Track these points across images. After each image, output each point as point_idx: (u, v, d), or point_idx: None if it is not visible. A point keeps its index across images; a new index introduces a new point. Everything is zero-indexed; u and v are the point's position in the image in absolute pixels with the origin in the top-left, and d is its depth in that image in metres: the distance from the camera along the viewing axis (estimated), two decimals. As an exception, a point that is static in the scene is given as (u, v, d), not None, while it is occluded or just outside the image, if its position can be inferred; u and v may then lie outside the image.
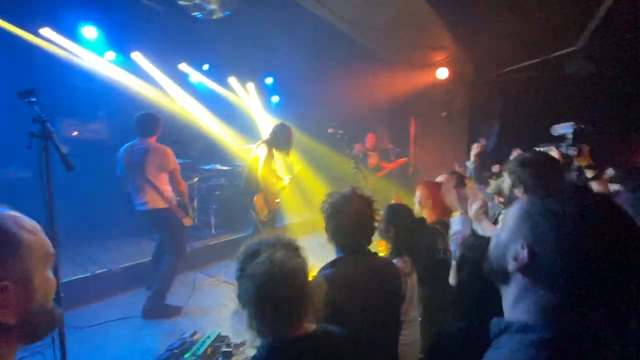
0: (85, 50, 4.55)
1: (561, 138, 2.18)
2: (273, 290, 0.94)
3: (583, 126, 2.13)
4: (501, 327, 0.60)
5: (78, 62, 4.51)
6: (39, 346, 1.86)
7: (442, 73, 6.06)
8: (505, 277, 0.64)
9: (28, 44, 4.04)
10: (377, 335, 1.41)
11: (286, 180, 3.79)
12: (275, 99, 7.07)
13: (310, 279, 1.05)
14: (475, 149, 2.80)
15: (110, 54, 4.81)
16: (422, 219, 2.07)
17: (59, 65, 4.30)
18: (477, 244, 1.20)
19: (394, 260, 1.76)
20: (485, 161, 3.03)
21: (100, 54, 4.72)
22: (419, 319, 1.95)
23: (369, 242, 1.52)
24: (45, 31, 4.15)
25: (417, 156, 6.55)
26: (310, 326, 1.06)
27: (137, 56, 4.99)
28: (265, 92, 6.87)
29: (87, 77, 4.55)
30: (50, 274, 0.66)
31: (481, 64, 5.85)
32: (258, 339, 1.02)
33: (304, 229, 5.44)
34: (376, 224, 1.55)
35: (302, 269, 1.00)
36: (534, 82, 5.37)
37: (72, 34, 4.38)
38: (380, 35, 5.44)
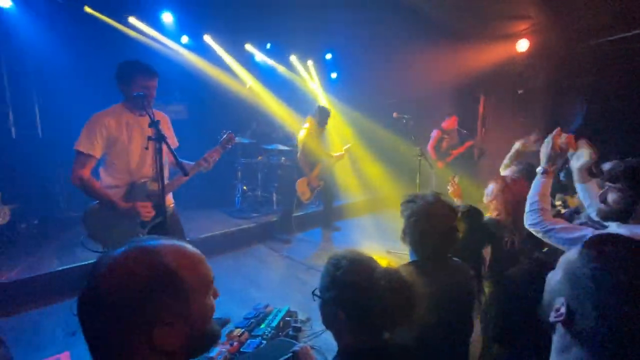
0: (163, 37, 4.92)
1: None
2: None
3: None
4: None
5: (157, 48, 4.90)
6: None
7: (523, 45, 5.42)
8: (551, 325, 0.68)
9: (114, 32, 4.46)
10: (450, 339, 1.46)
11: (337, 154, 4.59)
12: (333, 75, 7.01)
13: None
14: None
15: (185, 38, 5.14)
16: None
17: (143, 52, 4.72)
18: None
19: None
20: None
21: (177, 39, 5.07)
22: (478, 315, 1.95)
23: (449, 252, 1.52)
24: (132, 20, 4.54)
25: (486, 138, 6.09)
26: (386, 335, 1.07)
27: (208, 39, 5.26)
28: (325, 68, 6.82)
29: (165, 62, 4.94)
30: (209, 300, 0.69)
31: (570, 33, 5.09)
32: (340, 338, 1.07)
33: (360, 210, 5.55)
34: (456, 233, 1.53)
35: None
36: (632, 55, 4.56)
37: (153, 21, 4.74)
38: (451, 6, 4.98)
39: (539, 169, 1.69)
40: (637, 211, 1.34)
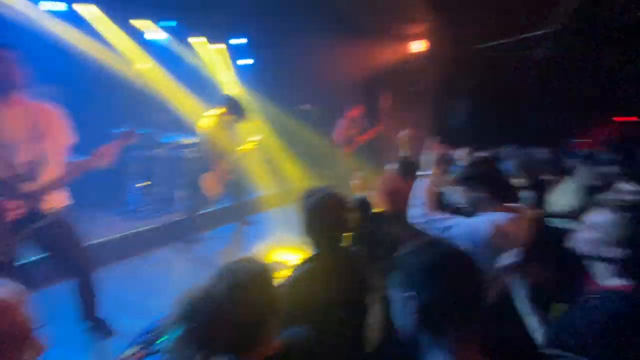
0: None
1: None
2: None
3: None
4: None
5: (13, 15, 3.85)
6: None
7: (416, 46, 6.01)
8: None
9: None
10: (347, 324, 1.50)
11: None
12: (246, 62, 6.63)
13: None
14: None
15: (47, 3, 4.13)
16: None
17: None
18: None
19: None
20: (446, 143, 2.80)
21: (34, 1, 4.05)
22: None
23: (343, 239, 1.58)
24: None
25: (387, 132, 6.61)
26: (276, 342, 1.01)
27: (80, 7, 4.35)
28: (236, 55, 6.40)
29: (26, 34, 3.89)
30: (25, 355, 0.56)
31: (457, 39, 5.83)
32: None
33: (271, 202, 5.46)
34: (351, 223, 1.59)
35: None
36: (507, 61, 5.51)
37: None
38: (355, 2, 5.21)
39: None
40: (481, 202, 1.62)
